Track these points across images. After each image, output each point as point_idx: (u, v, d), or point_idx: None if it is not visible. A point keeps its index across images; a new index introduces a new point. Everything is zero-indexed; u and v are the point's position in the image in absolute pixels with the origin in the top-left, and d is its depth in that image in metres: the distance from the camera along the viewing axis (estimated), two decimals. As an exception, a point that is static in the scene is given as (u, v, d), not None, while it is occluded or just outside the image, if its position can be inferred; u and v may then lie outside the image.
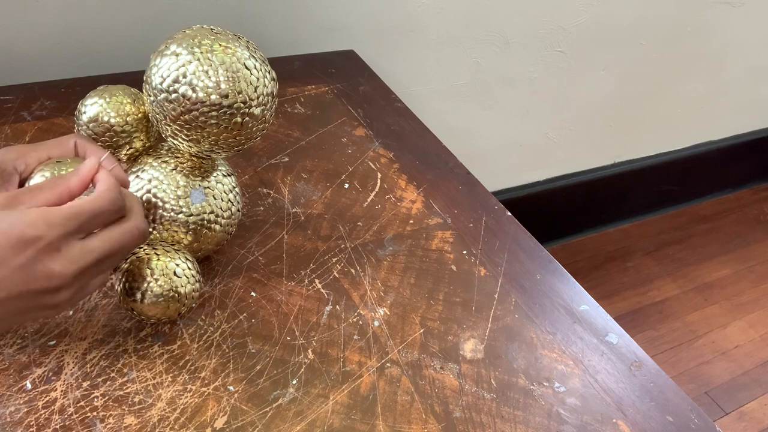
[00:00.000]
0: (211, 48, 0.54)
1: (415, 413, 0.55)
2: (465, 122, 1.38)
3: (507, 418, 0.56)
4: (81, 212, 0.42)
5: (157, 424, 0.51)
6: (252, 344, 0.59)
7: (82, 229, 0.42)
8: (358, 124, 0.91)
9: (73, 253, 0.42)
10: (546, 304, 0.68)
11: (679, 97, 1.67)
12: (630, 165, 1.75)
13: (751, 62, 1.72)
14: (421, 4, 1.14)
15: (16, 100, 0.84)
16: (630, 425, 0.57)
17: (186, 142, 0.57)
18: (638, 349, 0.64)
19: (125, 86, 0.61)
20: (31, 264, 0.40)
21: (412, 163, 0.85)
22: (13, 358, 0.55)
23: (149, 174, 0.59)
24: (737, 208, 2.04)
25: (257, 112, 0.56)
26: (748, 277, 1.78)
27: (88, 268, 0.44)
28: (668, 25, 1.47)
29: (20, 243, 0.39)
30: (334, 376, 0.57)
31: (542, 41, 1.32)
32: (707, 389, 1.48)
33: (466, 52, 1.25)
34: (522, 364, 0.61)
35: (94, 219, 0.43)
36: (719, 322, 1.64)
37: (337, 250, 0.70)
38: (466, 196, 0.81)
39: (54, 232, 0.40)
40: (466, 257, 0.72)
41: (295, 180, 0.79)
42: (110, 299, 0.60)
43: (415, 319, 0.64)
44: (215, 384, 0.55)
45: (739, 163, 2.01)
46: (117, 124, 0.59)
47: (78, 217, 0.42)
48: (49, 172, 0.53)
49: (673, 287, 1.72)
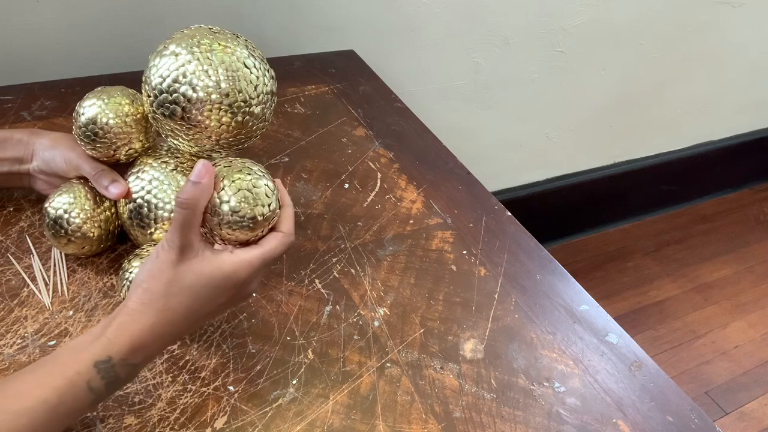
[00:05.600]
0: (210, 47, 0.54)
1: (415, 413, 0.55)
2: (465, 122, 1.38)
3: (507, 418, 0.56)
4: (273, 255, 0.52)
5: (157, 424, 0.51)
6: (252, 344, 0.59)
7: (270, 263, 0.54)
8: (358, 124, 0.91)
9: (262, 273, 0.54)
10: (546, 304, 0.68)
11: (679, 97, 1.67)
12: (630, 165, 1.75)
13: (751, 62, 1.72)
14: (421, 4, 1.14)
15: (16, 100, 0.84)
16: (630, 425, 0.57)
17: (186, 141, 0.57)
18: (638, 349, 0.64)
19: (123, 87, 0.61)
20: (240, 293, 0.52)
21: (412, 163, 0.85)
22: (13, 358, 0.54)
23: (150, 174, 0.59)
24: (737, 208, 2.04)
25: (257, 111, 0.56)
26: (748, 277, 1.78)
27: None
28: (668, 25, 1.47)
29: (236, 285, 0.50)
30: (334, 376, 0.57)
31: (542, 41, 1.32)
32: (707, 389, 1.48)
33: (466, 52, 1.25)
34: (522, 364, 0.61)
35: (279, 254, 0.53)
36: (719, 322, 1.64)
37: (337, 250, 0.70)
38: (466, 196, 0.81)
39: (256, 271, 0.51)
40: (466, 257, 0.72)
41: (295, 180, 0.79)
42: (110, 299, 0.60)
43: (415, 319, 0.64)
44: (215, 384, 0.55)
45: (739, 163, 2.01)
46: (116, 125, 0.59)
47: (270, 258, 0.52)
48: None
49: (673, 287, 1.72)
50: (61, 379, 0.44)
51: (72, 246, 0.60)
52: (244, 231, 0.51)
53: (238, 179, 0.50)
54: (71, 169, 0.62)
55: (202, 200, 0.49)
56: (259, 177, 0.51)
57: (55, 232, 0.59)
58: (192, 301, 0.49)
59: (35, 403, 0.43)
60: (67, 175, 0.63)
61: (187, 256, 0.49)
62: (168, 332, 0.49)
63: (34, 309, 0.59)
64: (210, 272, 0.49)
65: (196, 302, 0.49)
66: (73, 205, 0.59)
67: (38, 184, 0.65)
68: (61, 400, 0.44)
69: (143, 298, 0.48)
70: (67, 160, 0.62)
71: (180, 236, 0.48)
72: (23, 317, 0.58)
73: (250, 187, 0.50)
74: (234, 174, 0.50)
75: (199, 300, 0.49)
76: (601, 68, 1.46)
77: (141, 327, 0.47)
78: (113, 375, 0.46)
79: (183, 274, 0.48)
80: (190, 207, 0.48)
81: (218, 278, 0.49)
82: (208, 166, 0.49)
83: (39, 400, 0.43)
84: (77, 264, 0.64)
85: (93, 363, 0.45)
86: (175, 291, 0.48)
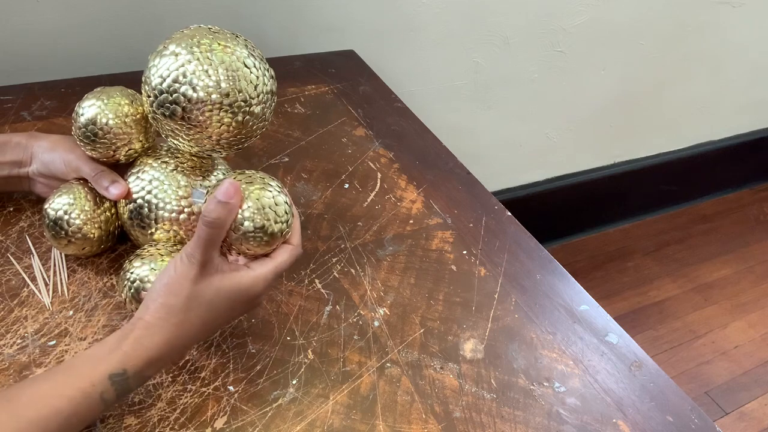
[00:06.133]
0: (210, 47, 0.54)
1: (415, 413, 0.55)
2: (465, 122, 1.38)
3: (507, 418, 0.56)
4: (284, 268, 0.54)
5: (157, 424, 0.51)
6: (252, 344, 0.59)
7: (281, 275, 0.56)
8: (358, 124, 0.91)
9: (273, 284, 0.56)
10: (546, 304, 0.68)
11: (679, 97, 1.67)
12: (630, 165, 1.75)
13: (751, 62, 1.72)
14: (421, 4, 1.14)
15: (16, 100, 0.84)
16: (630, 425, 0.57)
17: (187, 141, 0.56)
18: (638, 349, 0.64)
19: (122, 87, 0.61)
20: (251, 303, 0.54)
21: (412, 163, 0.85)
22: (13, 358, 0.54)
23: (150, 175, 0.59)
24: (737, 208, 2.04)
25: (258, 110, 0.56)
26: (748, 277, 1.78)
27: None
28: (668, 25, 1.47)
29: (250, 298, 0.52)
30: (334, 376, 0.57)
31: (542, 41, 1.32)
32: (707, 389, 1.48)
33: (466, 52, 1.25)
34: (522, 364, 0.61)
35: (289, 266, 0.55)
36: (719, 322, 1.64)
37: (337, 250, 0.70)
38: (466, 196, 0.81)
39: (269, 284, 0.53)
40: (466, 257, 0.72)
41: (295, 180, 0.79)
42: (110, 299, 0.60)
43: (415, 319, 0.64)
44: (215, 384, 0.55)
45: (739, 163, 2.00)
46: (116, 126, 0.59)
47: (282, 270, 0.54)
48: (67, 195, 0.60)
49: (673, 287, 1.72)
50: (75, 390, 0.45)
51: (72, 247, 0.60)
52: (263, 246, 0.52)
53: (261, 197, 0.51)
54: (71, 171, 0.62)
55: (228, 220, 0.50)
56: (279, 193, 0.53)
57: (56, 234, 0.59)
58: (208, 314, 0.50)
59: (49, 412, 0.44)
60: (67, 177, 0.63)
61: (207, 272, 0.50)
62: (183, 344, 0.50)
63: (34, 309, 0.59)
64: (228, 287, 0.51)
65: (211, 315, 0.51)
66: (73, 206, 0.59)
67: (37, 187, 0.65)
68: (75, 411, 0.45)
69: (160, 312, 0.49)
70: (67, 162, 0.62)
71: (202, 253, 0.49)
72: (23, 317, 0.58)
73: (272, 204, 0.52)
74: (256, 191, 0.52)
75: (215, 313, 0.51)
76: (601, 68, 1.46)
77: (157, 341, 0.48)
78: (126, 386, 0.47)
79: (202, 290, 0.50)
80: (217, 227, 0.49)
81: (235, 293, 0.51)
82: (236, 186, 0.50)
83: (53, 409, 0.44)
84: (77, 264, 0.64)
85: (108, 375, 0.46)
86: (193, 306, 0.49)
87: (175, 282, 0.49)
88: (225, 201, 0.49)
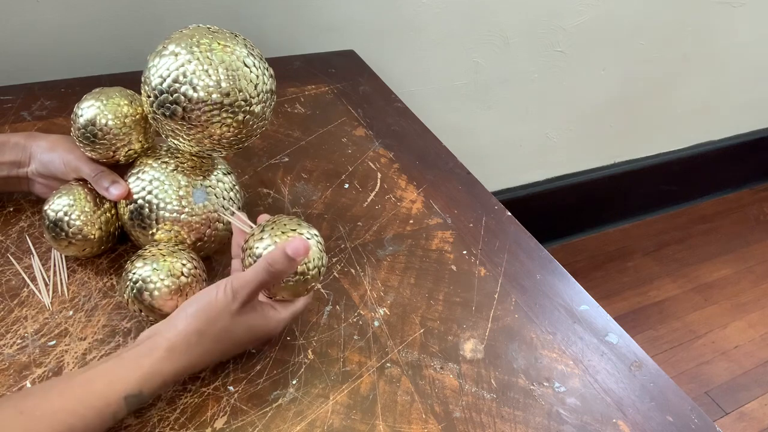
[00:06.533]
0: (209, 47, 0.54)
1: (415, 413, 0.55)
2: (465, 122, 1.38)
3: (507, 418, 0.56)
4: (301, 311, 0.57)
5: (157, 424, 0.51)
6: (252, 344, 0.59)
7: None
8: (358, 124, 0.91)
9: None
10: (546, 304, 0.68)
11: (679, 96, 1.67)
12: (630, 165, 1.75)
13: (751, 62, 1.72)
14: (421, 4, 1.14)
15: (16, 100, 0.84)
16: (630, 425, 0.57)
17: (187, 141, 0.57)
18: (638, 349, 0.64)
19: (121, 88, 0.61)
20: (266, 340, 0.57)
21: (412, 163, 0.85)
22: (13, 358, 0.54)
23: (150, 175, 0.59)
24: (737, 208, 2.03)
25: (258, 110, 0.56)
26: (748, 277, 1.78)
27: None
28: (668, 25, 1.47)
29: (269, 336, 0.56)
30: (334, 376, 0.57)
31: (542, 41, 1.32)
32: (707, 389, 1.48)
33: (466, 52, 1.25)
34: (522, 364, 0.61)
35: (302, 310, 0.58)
36: (719, 322, 1.64)
37: (337, 250, 0.70)
38: (466, 196, 0.81)
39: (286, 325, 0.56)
40: (466, 257, 0.72)
41: (295, 180, 0.79)
42: (110, 299, 0.60)
43: (415, 319, 0.63)
44: (215, 384, 0.55)
45: (739, 163, 2.00)
46: (115, 126, 0.58)
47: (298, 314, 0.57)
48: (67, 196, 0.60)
49: (673, 287, 1.72)
50: (90, 409, 0.45)
51: (72, 248, 0.60)
52: (298, 293, 0.55)
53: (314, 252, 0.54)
54: (70, 171, 0.62)
55: (288, 273, 0.52)
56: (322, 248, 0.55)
57: (56, 235, 0.59)
58: (232, 346, 0.53)
59: (62, 428, 0.44)
60: (66, 178, 0.63)
61: (245, 310, 0.52)
62: (200, 368, 0.53)
63: (34, 309, 0.59)
64: (257, 326, 0.54)
65: (234, 347, 0.54)
66: (73, 207, 0.59)
67: (37, 187, 0.65)
68: (85, 428, 0.45)
69: (191, 337, 0.50)
70: (66, 162, 0.62)
71: (250, 294, 0.51)
72: (23, 317, 0.58)
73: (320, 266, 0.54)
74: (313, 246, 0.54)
75: (238, 346, 0.54)
76: (601, 68, 1.46)
77: (177, 367, 0.49)
78: (138, 404, 0.48)
79: (237, 325, 0.52)
80: (277, 277, 0.52)
81: (261, 331, 0.54)
82: (306, 246, 0.51)
83: (66, 426, 0.44)
84: (77, 264, 0.64)
85: (124, 396, 0.47)
86: (224, 338, 0.52)
87: (214, 310, 0.51)
88: (293, 258, 0.51)
